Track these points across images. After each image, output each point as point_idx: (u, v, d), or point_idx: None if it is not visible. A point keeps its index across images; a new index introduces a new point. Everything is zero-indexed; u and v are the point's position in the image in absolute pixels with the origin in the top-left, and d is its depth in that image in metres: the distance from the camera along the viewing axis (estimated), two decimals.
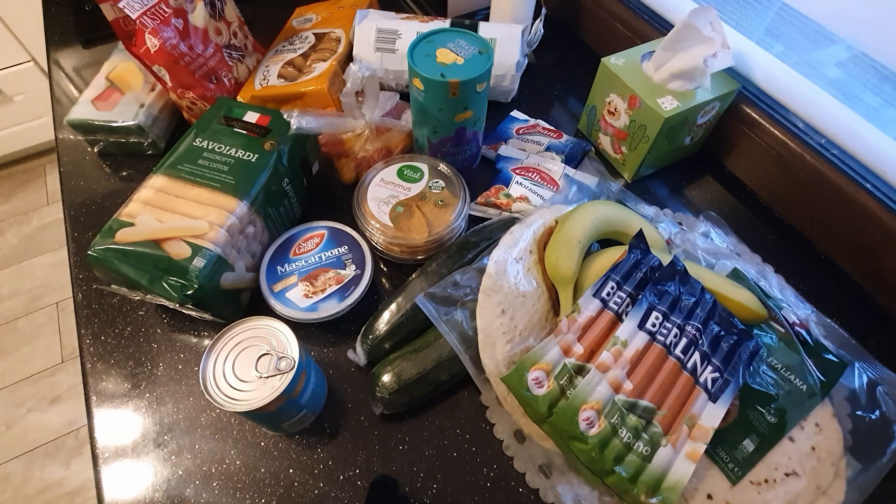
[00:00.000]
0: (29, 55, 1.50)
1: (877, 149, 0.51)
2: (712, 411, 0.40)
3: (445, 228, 0.52)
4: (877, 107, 0.52)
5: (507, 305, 0.45)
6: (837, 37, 0.53)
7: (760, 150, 0.59)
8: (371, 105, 0.57)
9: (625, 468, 0.38)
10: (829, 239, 0.56)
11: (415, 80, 0.52)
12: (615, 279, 0.44)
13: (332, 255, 0.52)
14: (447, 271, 0.49)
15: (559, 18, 0.81)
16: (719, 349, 0.42)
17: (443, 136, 0.57)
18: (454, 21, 0.67)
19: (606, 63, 0.59)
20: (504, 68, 0.65)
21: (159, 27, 0.56)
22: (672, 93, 0.55)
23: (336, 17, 0.71)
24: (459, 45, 0.53)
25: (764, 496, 0.39)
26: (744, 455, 0.41)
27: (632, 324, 0.42)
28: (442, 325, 0.45)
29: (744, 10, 0.61)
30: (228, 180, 0.49)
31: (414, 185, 0.55)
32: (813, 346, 0.45)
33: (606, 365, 0.40)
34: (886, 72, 0.50)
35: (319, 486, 0.43)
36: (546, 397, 0.39)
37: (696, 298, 0.44)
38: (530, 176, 0.60)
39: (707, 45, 0.53)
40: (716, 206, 0.61)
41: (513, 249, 0.48)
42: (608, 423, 0.39)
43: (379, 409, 0.45)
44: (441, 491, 0.43)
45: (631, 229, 0.50)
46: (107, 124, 0.61)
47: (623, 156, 0.62)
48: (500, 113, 0.69)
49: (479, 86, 0.52)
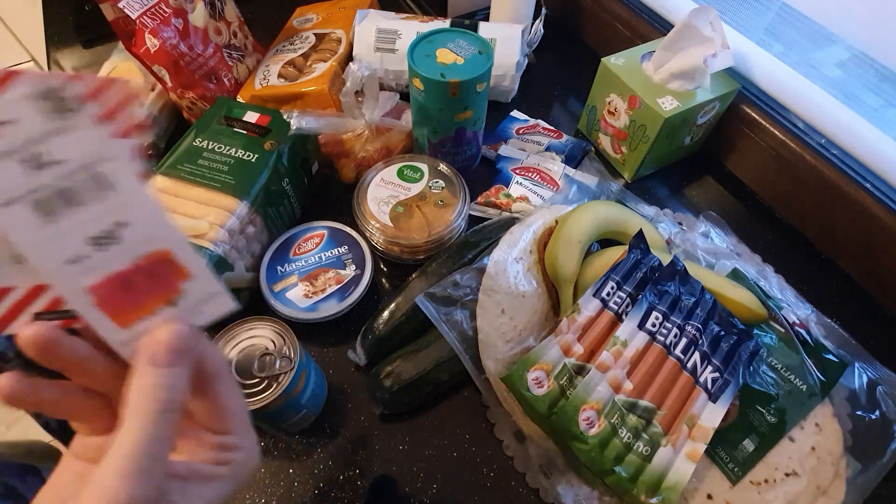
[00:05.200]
0: (29, 55, 1.50)
1: (877, 149, 0.51)
2: (712, 411, 0.40)
3: (445, 228, 0.52)
4: (877, 107, 0.52)
5: (507, 305, 0.45)
6: (837, 37, 0.53)
7: (760, 150, 0.59)
8: (371, 105, 0.57)
9: (625, 468, 0.38)
10: (829, 239, 0.56)
11: (415, 80, 0.52)
12: (615, 279, 0.44)
13: (332, 255, 0.52)
14: (447, 271, 0.49)
15: (559, 18, 0.81)
16: (719, 349, 0.42)
17: (443, 136, 0.57)
18: (454, 21, 0.67)
19: (606, 63, 0.59)
20: (504, 68, 0.65)
21: (159, 27, 0.56)
22: (672, 93, 0.55)
23: (336, 18, 0.71)
24: (459, 45, 0.53)
25: (764, 496, 0.39)
26: (744, 455, 0.41)
27: (632, 324, 0.42)
28: (442, 325, 0.45)
29: (744, 10, 0.61)
30: (228, 180, 0.49)
31: (414, 185, 0.55)
32: (813, 346, 0.45)
33: (606, 365, 0.40)
34: (886, 72, 0.50)
35: (319, 486, 0.43)
36: (546, 397, 0.39)
37: (696, 298, 0.44)
38: (530, 176, 0.60)
39: (707, 45, 0.53)
40: (716, 206, 0.61)
41: (513, 249, 0.48)
42: (608, 423, 0.39)
43: (379, 409, 0.45)
44: (441, 491, 0.43)
45: (631, 229, 0.50)
46: None
47: (623, 156, 0.62)
48: (500, 113, 0.69)
49: (479, 86, 0.52)
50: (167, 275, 0.22)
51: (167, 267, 0.22)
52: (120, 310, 0.21)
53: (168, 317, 0.22)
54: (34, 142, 0.18)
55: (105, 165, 0.20)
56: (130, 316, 0.21)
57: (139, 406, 0.19)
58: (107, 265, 0.21)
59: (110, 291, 0.21)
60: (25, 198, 0.19)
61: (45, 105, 0.18)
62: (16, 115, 0.18)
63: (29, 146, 0.18)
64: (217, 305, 0.23)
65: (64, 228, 0.20)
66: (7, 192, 0.19)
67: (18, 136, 0.18)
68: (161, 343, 0.21)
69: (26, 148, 0.18)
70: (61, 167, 0.19)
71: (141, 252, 0.21)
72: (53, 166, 0.19)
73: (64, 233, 0.20)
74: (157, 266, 0.21)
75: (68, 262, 0.20)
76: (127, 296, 0.21)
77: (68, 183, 0.19)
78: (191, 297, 0.22)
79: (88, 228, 0.20)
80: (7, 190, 0.19)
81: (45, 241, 0.20)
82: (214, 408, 0.23)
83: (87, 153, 0.19)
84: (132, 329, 0.21)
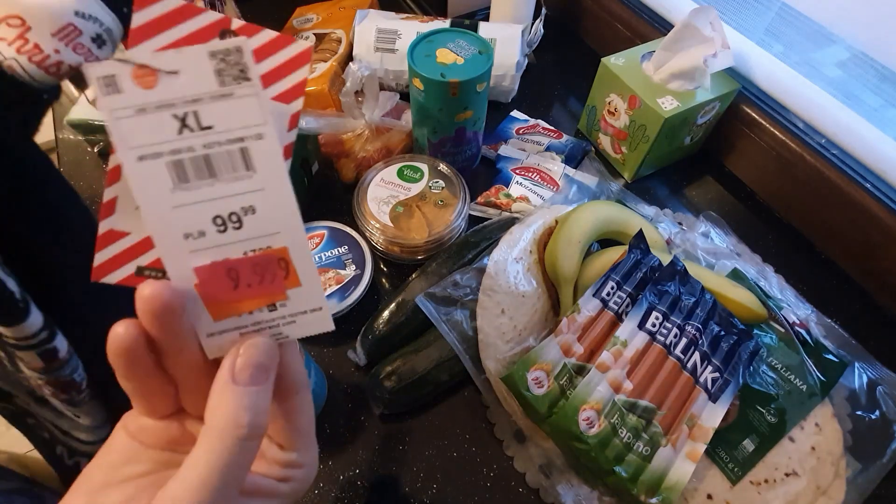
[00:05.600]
0: None
1: (877, 149, 0.51)
2: (712, 411, 0.40)
3: (445, 228, 0.52)
4: (877, 107, 0.52)
5: (507, 305, 0.45)
6: (837, 37, 0.53)
7: (760, 150, 0.59)
8: (371, 105, 0.57)
9: (625, 468, 0.38)
10: (829, 239, 0.56)
11: (415, 80, 0.52)
12: (615, 279, 0.44)
13: (332, 255, 0.52)
14: (447, 271, 0.49)
15: (559, 18, 0.81)
16: (719, 349, 0.42)
17: (443, 136, 0.57)
18: (454, 21, 0.67)
19: (606, 63, 0.59)
20: (504, 68, 0.65)
21: None
22: (672, 93, 0.55)
23: (336, 18, 0.71)
24: (459, 45, 0.53)
25: (764, 496, 0.39)
26: (744, 455, 0.41)
27: (632, 324, 0.42)
28: (442, 325, 0.45)
29: (744, 10, 0.61)
30: None
31: (414, 185, 0.55)
32: (813, 346, 0.45)
33: (606, 365, 0.40)
34: (886, 72, 0.50)
35: (319, 486, 0.43)
36: (546, 397, 0.39)
37: (696, 298, 0.44)
38: (530, 176, 0.60)
39: (707, 45, 0.53)
40: (716, 206, 0.61)
41: (513, 249, 0.48)
42: (608, 423, 0.39)
43: (379, 409, 0.45)
44: (441, 491, 0.43)
45: (631, 229, 0.50)
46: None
47: (623, 156, 0.62)
48: (500, 113, 0.69)
49: (479, 86, 0.52)
50: (277, 276, 0.20)
51: (280, 268, 0.20)
52: (217, 300, 0.19)
53: (261, 321, 0.20)
54: (195, 100, 0.17)
55: (254, 144, 0.18)
56: (226, 309, 0.20)
57: (220, 429, 0.18)
58: (221, 250, 0.19)
59: (215, 278, 0.19)
60: (166, 157, 0.18)
61: (216, 65, 0.17)
62: (185, 68, 0.17)
63: (188, 104, 0.17)
64: (315, 323, 0.21)
65: (192, 199, 0.18)
66: (151, 145, 0.17)
67: (181, 90, 0.17)
68: (247, 359, 0.19)
69: (185, 105, 0.17)
70: (211, 134, 0.18)
71: (259, 245, 0.19)
72: (205, 131, 0.18)
73: (191, 204, 0.18)
74: (270, 264, 0.20)
75: (185, 236, 0.18)
76: (229, 287, 0.19)
77: (213, 152, 0.18)
78: (292, 306, 0.20)
79: (216, 206, 0.18)
80: (151, 143, 0.17)
81: (171, 207, 0.18)
82: (286, 423, 0.22)
83: (242, 125, 0.18)
84: (222, 323, 0.20)
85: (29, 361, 0.27)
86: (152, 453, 0.21)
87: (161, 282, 0.18)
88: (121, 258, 0.19)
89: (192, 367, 0.20)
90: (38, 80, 0.21)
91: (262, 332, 0.20)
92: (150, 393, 0.21)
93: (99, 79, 0.17)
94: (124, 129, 0.17)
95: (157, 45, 0.18)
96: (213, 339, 0.20)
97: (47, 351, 0.27)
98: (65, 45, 0.21)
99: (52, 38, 0.20)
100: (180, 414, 0.22)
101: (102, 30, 0.22)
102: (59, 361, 0.28)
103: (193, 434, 0.22)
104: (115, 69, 0.17)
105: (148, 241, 0.19)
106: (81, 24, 0.21)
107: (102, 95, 0.17)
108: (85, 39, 0.21)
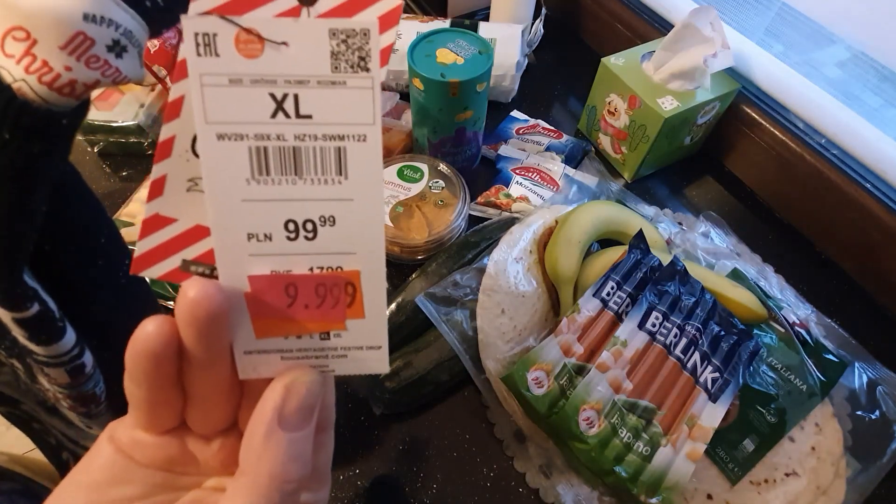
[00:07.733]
0: None
1: (877, 149, 0.51)
2: (712, 411, 0.40)
3: (445, 228, 0.52)
4: (877, 107, 0.52)
5: (507, 305, 0.45)
6: (837, 37, 0.53)
7: (760, 150, 0.59)
8: None
9: (625, 468, 0.38)
10: (829, 239, 0.56)
11: (415, 80, 0.52)
12: (615, 279, 0.44)
13: None
14: (447, 271, 0.49)
15: (559, 18, 0.81)
16: (719, 349, 0.42)
17: (443, 136, 0.57)
18: (454, 21, 0.67)
19: (606, 63, 0.59)
20: (504, 68, 0.65)
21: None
22: (672, 93, 0.55)
23: None
24: (459, 45, 0.53)
25: (764, 496, 0.39)
26: (744, 455, 0.41)
27: (632, 324, 0.42)
28: (442, 325, 0.45)
29: (744, 10, 0.61)
30: None
31: (414, 185, 0.55)
32: (813, 346, 0.45)
33: (606, 365, 0.40)
34: (886, 72, 0.50)
35: None
36: (546, 397, 0.39)
37: (696, 298, 0.44)
38: (530, 176, 0.60)
39: (707, 45, 0.53)
40: (716, 206, 0.61)
41: (513, 249, 0.48)
42: (608, 423, 0.39)
43: (379, 409, 0.45)
44: (441, 491, 0.43)
45: (631, 229, 0.50)
46: (107, 124, 0.61)
47: (623, 156, 0.62)
48: (500, 113, 0.69)
49: (479, 86, 0.52)
50: (340, 302, 0.17)
51: (346, 293, 0.17)
52: (266, 315, 0.17)
53: (308, 349, 0.18)
54: (299, 81, 0.15)
55: (354, 146, 0.16)
56: (273, 328, 0.17)
57: (264, 481, 0.16)
58: (286, 260, 0.16)
59: (271, 291, 0.17)
60: (251, 141, 0.15)
61: (335, 45, 0.15)
62: (297, 42, 0.15)
63: (291, 84, 0.15)
64: (370, 361, 0.18)
65: (268, 195, 0.16)
66: (236, 123, 0.15)
67: (287, 67, 0.15)
68: (300, 402, 0.17)
69: (287, 85, 0.15)
70: (308, 125, 0.15)
71: (330, 263, 0.17)
72: (302, 120, 0.15)
73: (265, 200, 0.16)
74: (336, 287, 0.17)
75: (249, 236, 0.16)
76: (284, 304, 0.17)
77: (305, 146, 0.15)
78: (349, 339, 0.18)
79: (292, 209, 0.16)
80: (237, 121, 0.15)
81: (241, 200, 0.16)
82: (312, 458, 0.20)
83: (346, 121, 0.15)
84: (265, 342, 0.17)
85: (56, 377, 0.26)
86: (145, 473, 0.18)
87: (211, 282, 0.15)
88: (166, 248, 0.17)
89: (216, 384, 0.18)
90: (52, 102, 0.18)
91: (306, 360, 0.18)
92: (157, 403, 0.18)
93: (195, 35, 0.14)
94: (210, 98, 0.15)
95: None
96: (249, 358, 0.17)
97: (76, 367, 0.26)
98: (76, 60, 0.17)
99: (60, 53, 0.17)
100: (181, 430, 0.19)
101: (120, 34, 0.18)
102: (85, 376, 0.27)
103: (194, 454, 0.19)
104: (217, 27, 0.14)
105: (196, 231, 0.17)
106: (93, 31, 0.17)
107: (194, 55, 0.14)
108: (99, 50, 0.18)
